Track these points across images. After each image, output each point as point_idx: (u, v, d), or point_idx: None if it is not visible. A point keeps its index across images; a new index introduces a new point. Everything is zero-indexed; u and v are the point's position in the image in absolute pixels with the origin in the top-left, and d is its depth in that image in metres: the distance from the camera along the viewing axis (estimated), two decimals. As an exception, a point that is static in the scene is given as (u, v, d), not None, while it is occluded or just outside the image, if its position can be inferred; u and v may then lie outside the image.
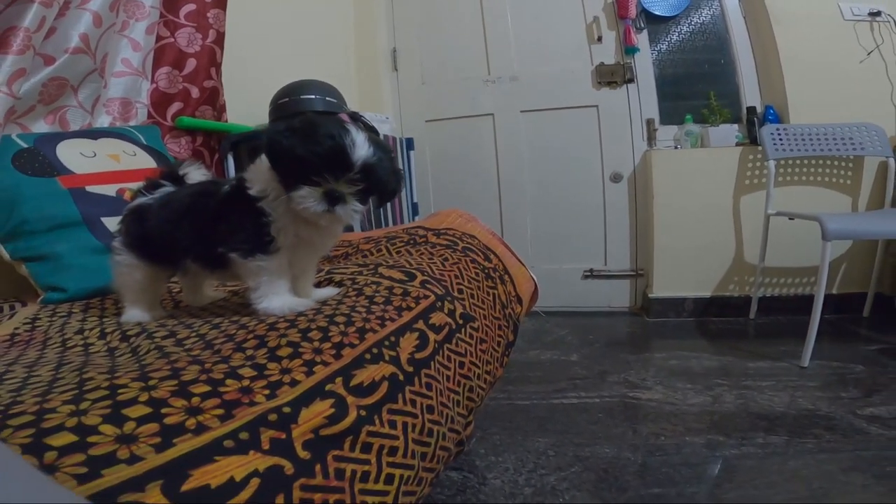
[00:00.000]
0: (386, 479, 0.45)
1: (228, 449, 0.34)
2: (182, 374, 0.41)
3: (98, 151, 1.07)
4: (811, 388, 1.44)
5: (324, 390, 0.44)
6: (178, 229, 0.66)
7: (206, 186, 0.71)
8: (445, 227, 1.10)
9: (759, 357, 1.71)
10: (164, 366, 0.43)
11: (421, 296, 0.70)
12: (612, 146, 2.40)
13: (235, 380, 0.41)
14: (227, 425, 0.36)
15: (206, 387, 0.39)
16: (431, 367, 0.59)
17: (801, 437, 1.18)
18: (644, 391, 1.51)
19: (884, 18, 2.07)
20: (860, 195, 2.09)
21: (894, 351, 1.69)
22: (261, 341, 0.50)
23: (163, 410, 0.35)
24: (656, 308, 2.25)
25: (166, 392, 0.38)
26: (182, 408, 0.36)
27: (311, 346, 0.49)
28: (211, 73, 1.47)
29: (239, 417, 0.37)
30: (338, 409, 0.43)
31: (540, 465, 1.14)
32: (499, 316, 0.91)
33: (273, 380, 0.43)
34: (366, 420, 0.45)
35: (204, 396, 0.38)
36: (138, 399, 0.36)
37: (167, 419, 0.35)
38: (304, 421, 0.40)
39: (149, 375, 0.40)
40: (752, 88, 2.31)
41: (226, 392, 0.39)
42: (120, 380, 0.40)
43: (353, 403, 0.45)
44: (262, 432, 0.37)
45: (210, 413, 0.36)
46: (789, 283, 2.15)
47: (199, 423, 0.35)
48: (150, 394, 0.37)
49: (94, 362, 0.49)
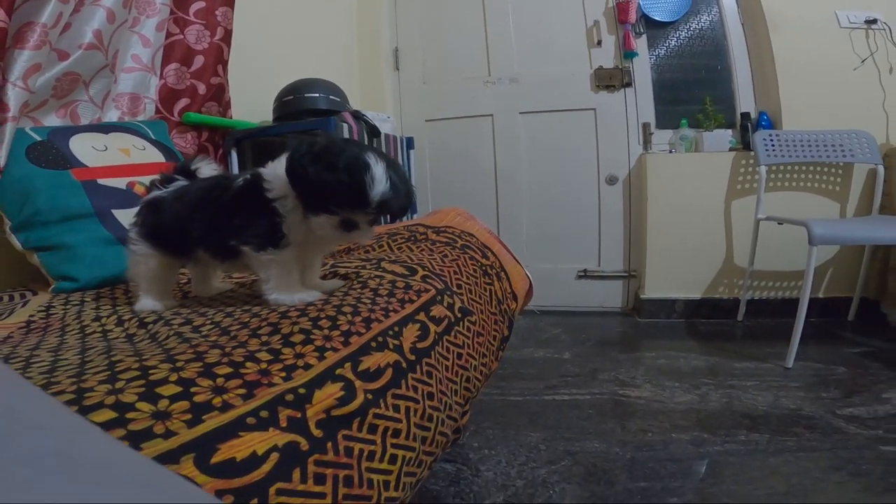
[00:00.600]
0: (390, 459, 0.48)
1: (251, 425, 0.38)
2: (205, 356, 0.45)
3: (109, 145, 1.10)
4: (794, 388, 1.49)
5: (334, 374, 0.47)
6: (191, 221, 0.69)
7: (219, 180, 0.74)
8: (445, 225, 1.14)
9: (745, 358, 1.75)
10: (188, 349, 0.47)
11: (422, 289, 0.73)
12: (608, 149, 2.44)
13: (254, 363, 0.45)
14: (248, 404, 0.40)
15: (228, 368, 0.43)
16: (432, 357, 0.63)
17: (783, 435, 1.23)
18: (633, 389, 1.55)
19: (879, 26, 2.10)
20: (849, 201, 2.14)
21: (876, 354, 1.74)
22: (274, 328, 0.54)
23: (192, 389, 0.39)
24: (648, 309, 2.30)
25: (193, 373, 0.41)
26: (209, 387, 0.40)
27: (321, 334, 0.53)
28: (218, 70, 1.49)
29: (259, 397, 0.41)
30: (347, 391, 0.47)
31: (531, 458, 1.18)
32: (495, 311, 0.95)
33: (288, 363, 0.46)
34: (372, 403, 0.48)
35: (227, 377, 0.42)
36: (169, 379, 0.40)
37: (196, 397, 0.38)
38: (317, 402, 0.43)
39: (175, 358, 0.44)
40: (748, 94, 2.34)
41: (246, 373, 0.43)
42: (149, 362, 0.43)
43: (360, 387, 0.48)
44: (280, 411, 0.40)
45: (233, 392, 0.40)
46: (777, 287, 2.20)
47: (225, 401, 0.39)
48: (178, 374, 0.41)
49: (117, 347, 0.53)
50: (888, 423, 1.26)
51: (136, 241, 0.75)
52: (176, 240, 0.73)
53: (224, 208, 0.67)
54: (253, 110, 1.75)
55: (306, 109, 1.64)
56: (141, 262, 0.75)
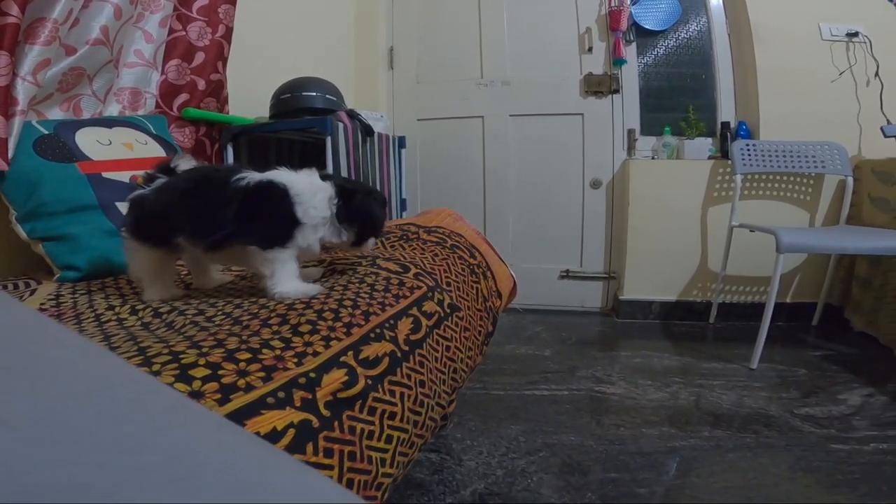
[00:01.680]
0: (386, 439, 0.54)
1: (271, 405, 0.44)
2: (226, 343, 0.50)
3: (113, 140, 1.14)
4: (756, 388, 1.58)
5: (339, 361, 0.53)
6: (173, 211, 0.72)
7: (208, 173, 0.77)
8: (435, 225, 1.20)
9: (713, 359, 1.85)
10: (208, 337, 0.52)
11: (415, 286, 0.80)
12: (593, 153, 2.52)
13: (269, 349, 0.51)
14: (268, 386, 0.45)
15: (247, 354, 0.49)
16: (423, 348, 0.69)
17: (743, 432, 1.31)
18: (609, 386, 1.63)
19: (860, 39, 2.16)
20: (818, 211, 2.22)
21: (836, 357, 1.84)
22: (283, 319, 0.59)
23: (219, 372, 0.45)
24: (625, 310, 2.38)
25: (218, 358, 0.47)
26: (233, 370, 0.46)
27: (325, 325, 0.59)
28: (218, 66, 1.53)
29: (277, 379, 0.46)
30: (350, 377, 0.53)
31: (511, 449, 1.25)
32: (481, 308, 1.02)
33: (299, 350, 0.52)
34: (371, 388, 0.54)
35: (248, 362, 0.47)
36: (198, 363, 0.45)
37: (223, 379, 0.44)
38: (325, 385, 0.49)
39: (199, 344, 0.50)
40: (729, 104, 2.42)
41: (264, 359, 0.49)
42: (176, 347, 0.49)
43: (361, 374, 0.54)
44: (295, 392, 0.46)
45: (254, 375, 0.46)
46: (747, 291, 2.30)
47: (248, 383, 0.45)
48: (206, 359, 0.46)
49: (139, 334, 0.58)
50: (841, 423, 1.35)
51: (126, 237, 0.78)
52: (158, 232, 0.75)
53: (222, 203, 0.70)
54: (249, 106, 1.79)
55: (303, 108, 1.68)
56: (133, 256, 0.79)
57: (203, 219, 0.71)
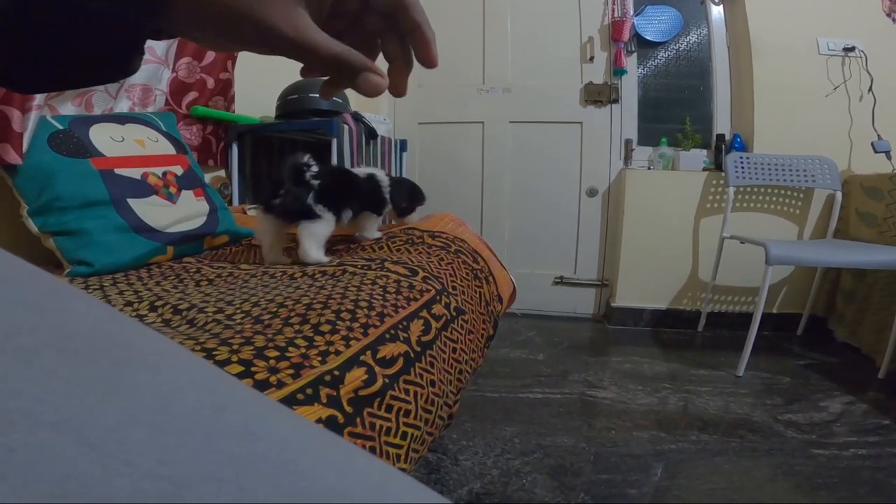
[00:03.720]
0: (402, 436, 0.58)
1: (301, 401, 0.47)
2: (253, 341, 0.53)
3: (126, 136, 1.15)
4: (742, 394, 1.64)
5: (359, 360, 0.57)
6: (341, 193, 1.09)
7: (342, 169, 1.30)
8: (439, 230, 1.23)
9: (702, 366, 1.90)
10: (235, 335, 0.55)
11: (424, 289, 0.83)
12: (591, 162, 2.56)
13: (295, 348, 0.54)
14: (297, 382, 0.48)
15: (275, 352, 0.52)
16: (433, 349, 0.72)
17: (729, 437, 1.36)
18: (600, 390, 1.67)
19: (856, 54, 2.19)
20: (807, 224, 2.27)
21: (819, 366, 1.90)
22: (303, 318, 0.62)
23: (252, 369, 0.48)
24: (617, 316, 2.43)
25: (249, 355, 0.50)
26: (264, 367, 0.48)
27: (344, 325, 0.62)
28: (227, 65, 1.55)
29: (305, 377, 0.49)
30: (370, 375, 0.56)
31: (506, 450, 1.28)
32: (483, 312, 1.05)
33: (321, 349, 0.55)
34: (389, 386, 0.58)
35: (277, 360, 0.50)
36: (231, 360, 0.48)
37: (256, 376, 0.47)
38: (348, 382, 0.52)
39: (229, 342, 0.52)
40: (725, 116, 2.46)
41: (291, 356, 0.52)
42: (207, 344, 0.51)
43: (379, 372, 0.58)
44: (321, 389, 0.49)
45: (284, 372, 0.49)
46: (735, 301, 2.35)
47: (279, 379, 0.47)
48: (238, 356, 0.49)
49: (165, 331, 0.61)
50: (822, 429, 1.41)
51: (260, 213, 1.06)
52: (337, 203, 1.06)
53: (355, 190, 1.13)
54: (253, 105, 1.81)
55: (309, 109, 1.70)
56: (265, 228, 1.05)
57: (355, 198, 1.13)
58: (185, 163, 1.25)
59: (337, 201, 1.03)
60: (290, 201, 0.98)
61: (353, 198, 1.11)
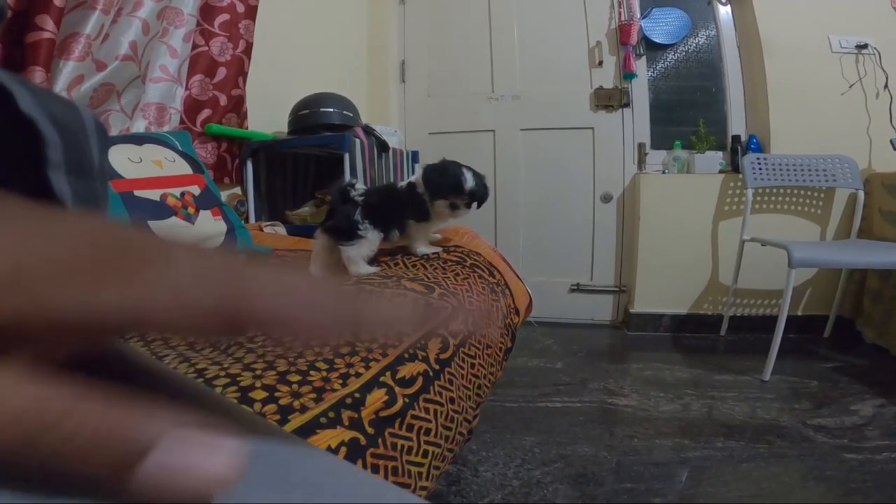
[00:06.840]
0: (423, 454, 0.57)
1: (324, 424, 0.47)
2: (276, 365, 0.54)
3: (143, 157, 1.18)
4: (769, 399, 1.60)
5: (379, 381, 0.57)
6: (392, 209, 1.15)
7: (389, 187, 1.29)
8: (454, 245, 1.23)
9: (725, 371, 1.86)
10: (257, 359, 0.56)
11: (440, 307, 0.83)
12: (604, 167, 2.53)
13: (316, 371, 0.54)
14: (320, 406, 0.48)
15: (297, 376, 0.52)
16: (452, 367, 0.72)
17: (756, 443, 1.33)
18: (621, 398, 1.65)
19: (870, 51, 2.15)
20: (829, 224, 2.22)
21: (848, 369, 1.85)
22: (323, 341, 0.62)
23: (276, 394, 0.48)
24: (636, 322, 2.39)
25: (272, 380, 0.50)
26: (287, 392, 0.49)
27: (363, 346, 0.62)
28: (238, 82, 1.57)
29: (327, 400, 0.50)
30: (390, 396, 0.56)
31: (526, 460, 1.27)
32: (500, 325, 1.05)
33: (342, 372, 0.55)
34: (409, 406, 0.57)
35: (299, 384, 0.51)
36: (255, 385, 0.49)
37: (280, 401, 0.47)
38: (369, 404, 0.52)
39: (252, 367, 0.53)
40: (739, 117, 2.42)
41: (313, 380, 0.52)
42: (231, 370, 0.52)
43: (399, 393, 0.57)
44: (343, 412, 0.49)
45: (307, 397, 0.49)
46: (758, 304, 2.31)
47: (302, 404, 0.48)
48: (261, 381, 0.49)
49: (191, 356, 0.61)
50: (853, 433, 1.37)
51: (317, 235, 1.14)
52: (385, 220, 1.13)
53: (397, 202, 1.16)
54: (266, 121, 1.83)
55: (321, 124, 1.72)
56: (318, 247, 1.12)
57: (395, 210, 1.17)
58: (202, 182, 1.27)
59: (381, 215, 1.11)
60: (339, 219, 1.08)
61: (395, 210, 1.15)
